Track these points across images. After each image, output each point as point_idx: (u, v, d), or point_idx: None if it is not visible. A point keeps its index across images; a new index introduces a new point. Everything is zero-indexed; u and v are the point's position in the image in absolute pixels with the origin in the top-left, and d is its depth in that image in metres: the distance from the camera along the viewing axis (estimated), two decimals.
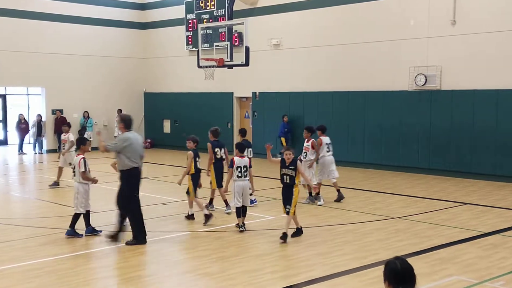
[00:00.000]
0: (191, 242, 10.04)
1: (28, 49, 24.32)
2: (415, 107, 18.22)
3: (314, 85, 20.90)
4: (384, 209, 12.68)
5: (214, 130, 12.51)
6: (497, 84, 16.47)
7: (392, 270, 3.99)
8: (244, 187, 10.48)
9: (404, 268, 3.99)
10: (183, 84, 25.94)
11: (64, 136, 15.88)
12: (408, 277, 3.96)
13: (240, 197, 10.43)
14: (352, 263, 8.56)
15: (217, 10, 23.67)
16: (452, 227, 10.86)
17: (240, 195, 10.41)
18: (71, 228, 10.03)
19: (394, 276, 3.97)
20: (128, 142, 9.56)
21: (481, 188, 15.51)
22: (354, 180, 17.04)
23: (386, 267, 4.04)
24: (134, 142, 9.64)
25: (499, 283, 7.68)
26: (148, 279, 7.99)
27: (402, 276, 3.96)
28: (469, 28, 16.99)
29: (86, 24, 25.85)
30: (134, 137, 9.75)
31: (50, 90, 25.23)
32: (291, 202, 9.75)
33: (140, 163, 9.76)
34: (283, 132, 21.23)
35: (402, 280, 3.95)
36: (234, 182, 10.48)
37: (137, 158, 9.69)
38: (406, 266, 4.00)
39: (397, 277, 3.96)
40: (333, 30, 20.29)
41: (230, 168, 10.58)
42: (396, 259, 4.06)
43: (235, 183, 10.45)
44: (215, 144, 12.21)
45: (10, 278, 7.94)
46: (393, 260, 4.06)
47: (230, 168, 10.61)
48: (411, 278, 3.97)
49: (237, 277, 7.95)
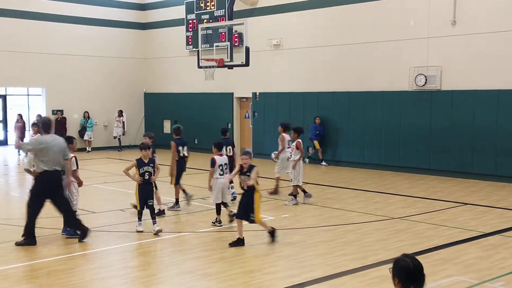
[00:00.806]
0: (191, 243, 10.04)
1: (28, 49, 24.32)
2: (415, 108, 18.22)
3: (314, 85, 20.90)
4: (385, 209, 12.67)
5: (176, 129, 12.85)
6: (497, 84, 16.46)
7: (404, 269, 3.93)
8: (224, 184, 10.93)
9: (416, 266, 3.93)
10: (183, 84, 25.94)
11: (33, 137, 15.37)
12: (420, 276, 3.92)
13: (220, 193, 10.85)
14: (353, 263, 8.55)
15: (217, 10, 23.67)
16: (453, 227, 10.86)
17: (220, 191, 10.85)
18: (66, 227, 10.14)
19: (406, 275, 3.91)
20: (43, 145, 9.50)
21: (481, 188, 15.50)
22: (354, 180, 17.03)
23: (396, 265, 3.97)
24: (50, 146, 9.51)
25: (500, 283, 7.67)
26: (148, 279, 7.98)
27: (414, 275, 3.91)
28: (470, 28, 16.99)
29: (86, 25, 25.85)
30: (52, 141, 9.60)
31: (50, 91, 25.23)
32: (253, 210, 9.38)
33: (58, 167, 9.61)
34: (315, 135, 20.17)
35: (414, 279, 3.90)
36: (216, 179, 10.78)
37: (53, 162, 9.52)
38: (417, 264, 3.95)
39: (410, 275, 3.91)
40: (333, 30, 20.29)
41: (212, 167, 10.83)
42: (406, 257, 4.00)
43: (217, 180, 10.79)
44: (178, 142, 12.51)
45: (10, 278, 7.93)
46: (403, 258, 3.99)
47: (212, 167, 10.83)
48: (422, 276, 3.93)
49: (237, 277, 7.94)
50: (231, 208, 11.28)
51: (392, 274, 3.99)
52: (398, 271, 3.95)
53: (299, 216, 11.90)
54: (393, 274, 3.99)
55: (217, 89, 23.89)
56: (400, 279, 3.93)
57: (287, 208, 12.70)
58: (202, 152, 22.92)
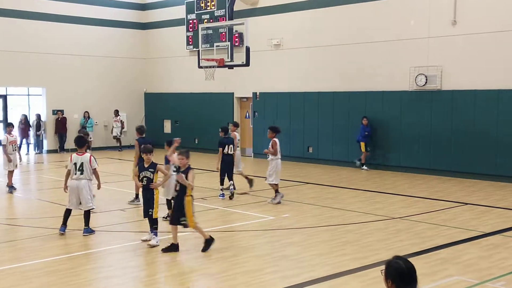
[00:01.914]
0: (191, 243, 10.03)
1: (29, 49, 24.32)
2: (415, 108, 18.21)
3: (314, 85, 20.89)
4: (385, 209, 12.67)
5: (139, 128, 13.37)
6: (497, 84, 16.45)
7: (397, 271, 3.92)
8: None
9: (409, 268, 3.94)
10: (183, 84, 25.94)
11: (12, 137, 15.03)
12: (414, 278, 3.93)
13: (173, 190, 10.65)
14: (353, 263, 8.55)
15: (217, 10, 23.67)
16: (453, 227, 10.85)
17: (174, 188, 10.59)
18: (88, 226, 10.24)
19: (400, 277, 3.91)
20: None
21: (481, 188, 15.50)
22: (354, 180, 17.03)
23: (389, 268, 3.97)
24: None
25: (500, 283, 7.67)
26: (148, 279, 7.98)
27: (409, 276, 3.91)
28: (470, 28, 16.98)
29: (86, 25, 25.85)
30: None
31: (50, 91, 25.23)
32: (184, 214, 9.07)
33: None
34: (363, 136, 18.94)
35: (409, 280, 3.91)
36: (172, 176, 10.56)
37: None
38: (410, 266, 3.95)
39: (404, 277, 3.91)
40: (333, 30, 20.29)
41: (167, 164, 11.11)
42: (398, 259, 4.00)
43: (172, 176, 10.52)
44: (141, 141, 12.68)
45: (11, 278, 7.93)
46: (395, 260, 4.00)
47: (166, 164, 11.12)
48: (415, 277, 3.93)
49: (237, 277, 7.94)
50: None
51: (385, 276, 3.98)
52: (392, 273, 3.94)
53: (299, 216, 11.90)
54: (386, 276, 3.97)
55: (217, 89, 23.89)
56: (395, 281, 3.93)
57: (287, 208, 12.69)
58: (202, 152, 22.94)
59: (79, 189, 10.16)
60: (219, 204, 13.03)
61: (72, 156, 10.29)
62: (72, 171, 10.20)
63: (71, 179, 10.25)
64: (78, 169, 10.15)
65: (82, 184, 10.16)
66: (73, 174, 10.19)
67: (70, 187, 10.29)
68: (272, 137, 13.18)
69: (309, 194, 14.58)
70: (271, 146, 13.07)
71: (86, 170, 10.17)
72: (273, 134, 13.24)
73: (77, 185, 10.16)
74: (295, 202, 13.43)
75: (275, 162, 13.12)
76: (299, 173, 18.56)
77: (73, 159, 10.23)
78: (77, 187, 10.16)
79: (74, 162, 10.19)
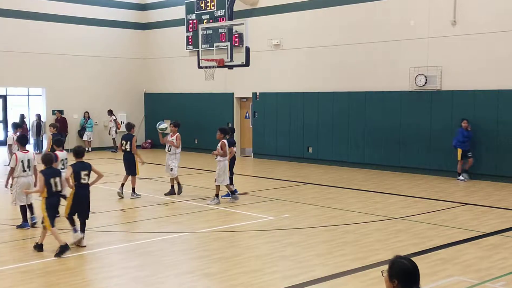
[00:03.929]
0: (191, 243, 10.04)
1: (28, 49, 24.31)
2: (415, 108, 18.21)
3: (314, 85, 20.89)
4: (385, 209, 12.67)
5: (127, 125, 14.92)
6: (497, 84, 16.45)
7: (403, 270, 3.90)
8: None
9: (414, 267, 3.93)
10: (183, 84, 25.94)
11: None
12: (418, 276, 3.92)
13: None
14: (353, 263, 8.55)
15: (217, 10, 23.67)
16: (453, 228, 10.85)
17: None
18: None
19: (407, 276, 3.89)
20: None
21: (481, 188, 15.50)
22: (354, 180, 17.03)
23: (394, 267, 3.94)
24: None
25: (500, 283, 7.67)
26: (148, 279, 7.98)
27: (414, 276, 3.90)
28: (470, 29, 16.98)
29: (86, 25, 25.83)
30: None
31: (50, 91, 25.22)
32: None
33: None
34: (462, 142, 16.57)
35: (414, 280, 3.89)
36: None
37: None
38: (415, 265, 3.95)
39: (410, 276, 3.89)
40: (333, 31, 20.29)
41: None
42: (402, 258, 3.98)
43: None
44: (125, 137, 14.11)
45: (11, 278, 7.93)
46: (399, 259, 3.97)
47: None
48: (419, 276, 3.93)
49: (237, 277, 7.94)
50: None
51: (389, 276, 3.95)
52: (399, 272, 3.91)
53: (299, 216, 11.90)
54: (391, 276, 3.94)
55: (217, 89, 23.89)
56: (401, 280, 3.89)
57: (287, 208, 12.70)
58: (202, 152, 22.94)
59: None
60: (219, 204, 13.02)
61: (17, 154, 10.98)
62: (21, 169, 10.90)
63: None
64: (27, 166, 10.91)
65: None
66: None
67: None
68: (220, 139, 13.05)
69: (309, 194, 14.58)
70: (220, 147, 12.93)
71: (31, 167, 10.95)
72: (221, 135, 13.14)
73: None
74: (295, 202, 13.43)
75: (223, 163, 12.98)
76: (299, 173, 18.56)
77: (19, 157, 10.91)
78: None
79: (21, 159, 10.87)
